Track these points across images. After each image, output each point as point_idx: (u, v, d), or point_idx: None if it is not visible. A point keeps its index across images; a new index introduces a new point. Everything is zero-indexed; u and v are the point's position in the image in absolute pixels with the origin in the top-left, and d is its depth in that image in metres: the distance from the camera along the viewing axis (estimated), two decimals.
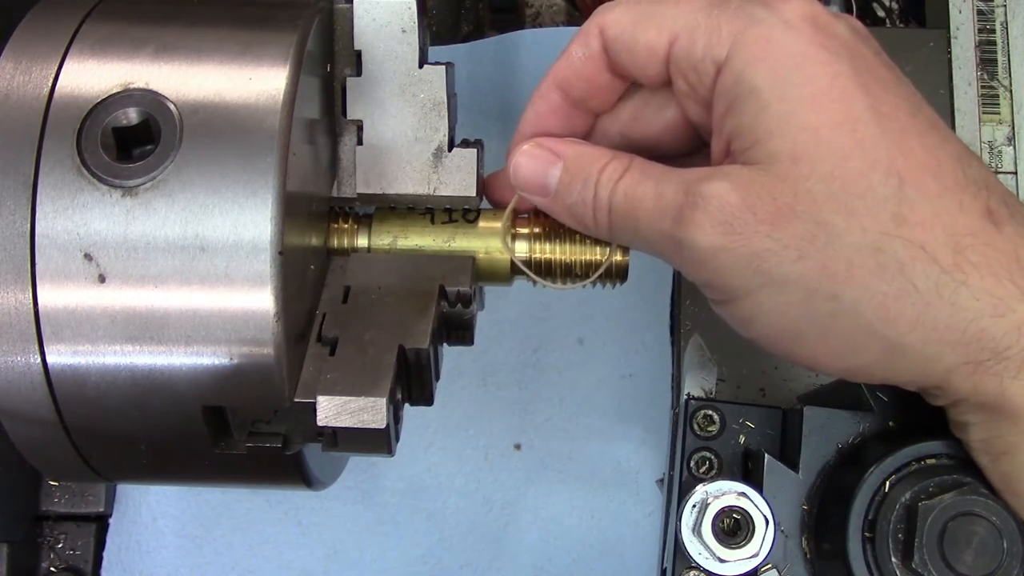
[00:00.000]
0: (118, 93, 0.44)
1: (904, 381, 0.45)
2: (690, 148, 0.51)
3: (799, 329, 0.44)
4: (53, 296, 0.43)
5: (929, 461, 0.47)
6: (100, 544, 0.75)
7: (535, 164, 0.49)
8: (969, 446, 0.46)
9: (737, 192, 0.42)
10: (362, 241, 0.53)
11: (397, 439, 0.47)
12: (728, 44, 0.44)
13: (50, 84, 0.45)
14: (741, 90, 0.43)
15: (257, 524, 0.76)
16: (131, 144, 0.45)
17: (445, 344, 0.54)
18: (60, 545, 0.74)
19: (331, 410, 0.44)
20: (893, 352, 0.43)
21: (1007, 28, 0.70)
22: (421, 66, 0.50)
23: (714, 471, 0.57)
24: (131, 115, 0.44)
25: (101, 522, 0.75)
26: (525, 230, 0.53)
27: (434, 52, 0.54)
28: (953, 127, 0.68)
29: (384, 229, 0.53)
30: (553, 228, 0.54)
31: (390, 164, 0.51)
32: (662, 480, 0.72)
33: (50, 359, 0.44)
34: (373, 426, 0.44)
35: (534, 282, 0.54)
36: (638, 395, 0.77)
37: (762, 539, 0.48)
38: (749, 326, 0.45)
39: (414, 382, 0.49)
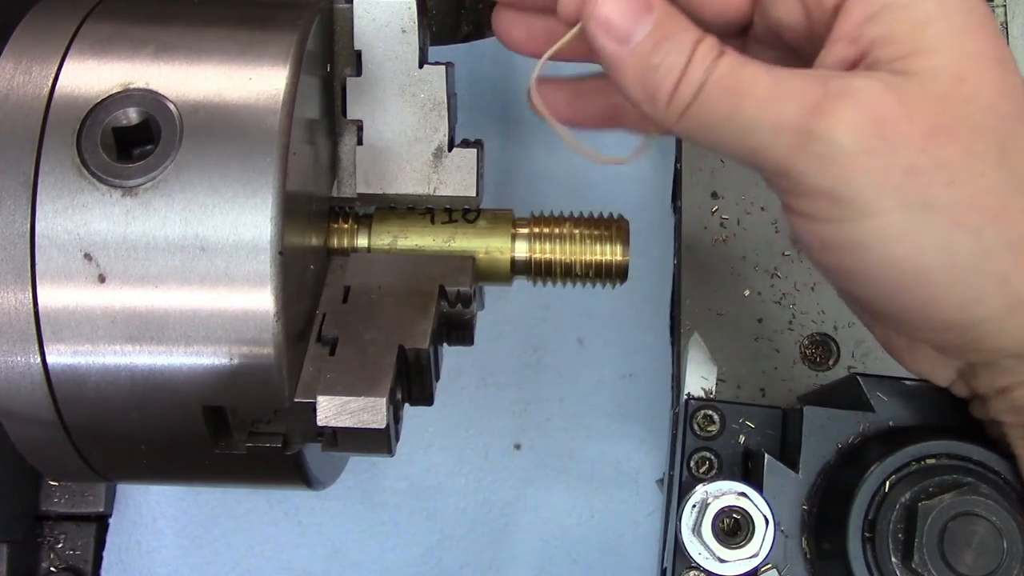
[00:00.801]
0: (118, 93, 0.44)
1: (1004, 344, 0.42)
2: (729, 32, 0.46)
3: (928, 266, 0.40)
4: (53, 296, 0.43)
5: (929, 461, 0.47)
6: (100, 544, 0.75)
7: (627, 5, 0.41)
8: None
9: (894, 94, 0.38)
10: (362, 241, 0.53)
11: (397, 439, 0.47)
12: None
13: (50, 84, 0.45)
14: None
15: (257, 524, 0.76)
16: (131, 144, 0.45)
17: (445, 344, 0.54)
18: (60, 545, 0.74)
19: (331, 410, 0.44)
20: (1015, 308, 0.41)
21: (1007, 28, 0.70)
22: (421, 66, 0.50)
23: (714, 471, 0.57)
24: (131, 115, 0.44)
25: (101, 522, 0.75)
26: (525, 230, 0.53)
27: (434, 52, 0.54)
28: None
29: (384, 229, 0.53)
30: (553, 228, 0.54)
31: (390, 164, 0.51)
32: (662, 480, 0.72)
33: (50, 359, 0.44)
34: (373, 426, 0.44)
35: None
36: (638, 395, 0.77)
37: (762, 539, 0.48)
38: (861, 253, 0.40)
39: (414, 382, 0.49)
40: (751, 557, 0.48)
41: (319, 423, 0.44)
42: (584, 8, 0.42)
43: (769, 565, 0.50)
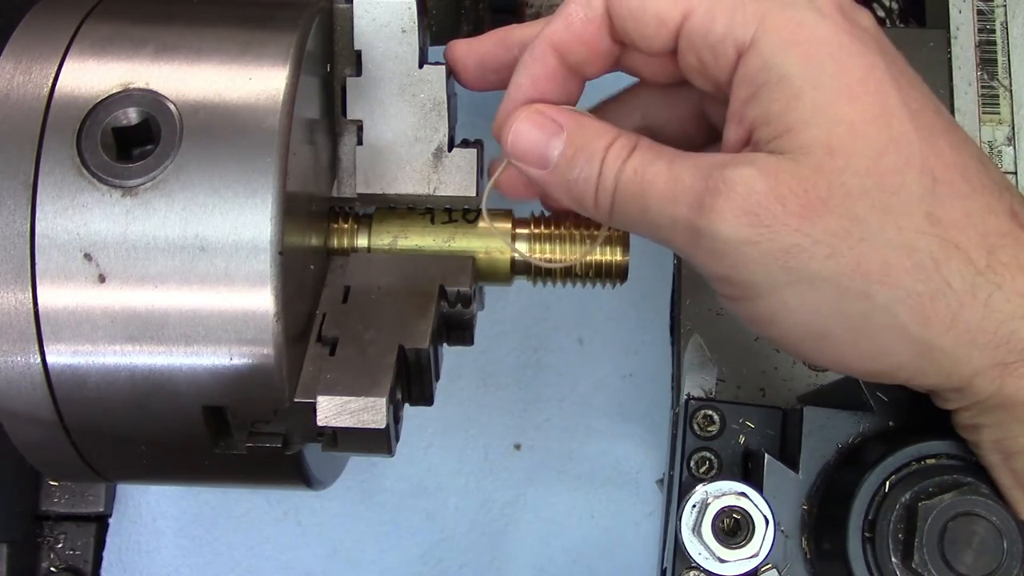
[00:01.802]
0: (118, 93, 0.44)
1: (928, 384, 0.44)
2: (702, 141, 0.50)
3: (827, 329, 0.42)
4: (53, 296, 0.43)
5: (929, 461, 0.47)
6: (100, 544, 0.75)
7: (537, 133, 0.45)
8: (978, 445, 0.45)
9: (765, 180, 0.40)
10: (362, 241, 0.53)
11: (397, 439, 0.47)
12: (754, 26, 0.41)
13: (50, 84, 0.45)
14: (770, 76, 0.41)
15: (257, 524, 0.77)
16: (131, 144, 0.45)
17: (445, 344, 0.54)
18: (60, 545, 0.74)
19: (331, 410, 0.44)
20: (924, 354, 0.42)
21: (1007, 28, 0.70)
22: (421, 66, 0.50)
23: (714, 471, 0.57)
24: (131, 115, 0.44)
25: (101, 522, 0.75)
26: (525, 230, 0.53)
27: (434, 52, 0.54)
28: None
29: (384, 229, 0.53)
30: (553, 229, 0.54)
31: (390, 164, 0.51)
32: (662, 480, 0.72)
33: (50, 359, 0.44)
34: (373, 426, 0.44)
35: (530, 269, 0.53)
36: (638, 395, 0.77)
37: (762, 539, 0.48)
38: (770, 326, 0.43)
39: (414, 382, 0.49)
40: (751, 557, 0.48)
41: (319, 423, 0.44)
42: (503, 144, 0.46)
43: (769, 565, 0.50)
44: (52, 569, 0.73)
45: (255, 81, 0.45)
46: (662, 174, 0.43)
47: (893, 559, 0.46)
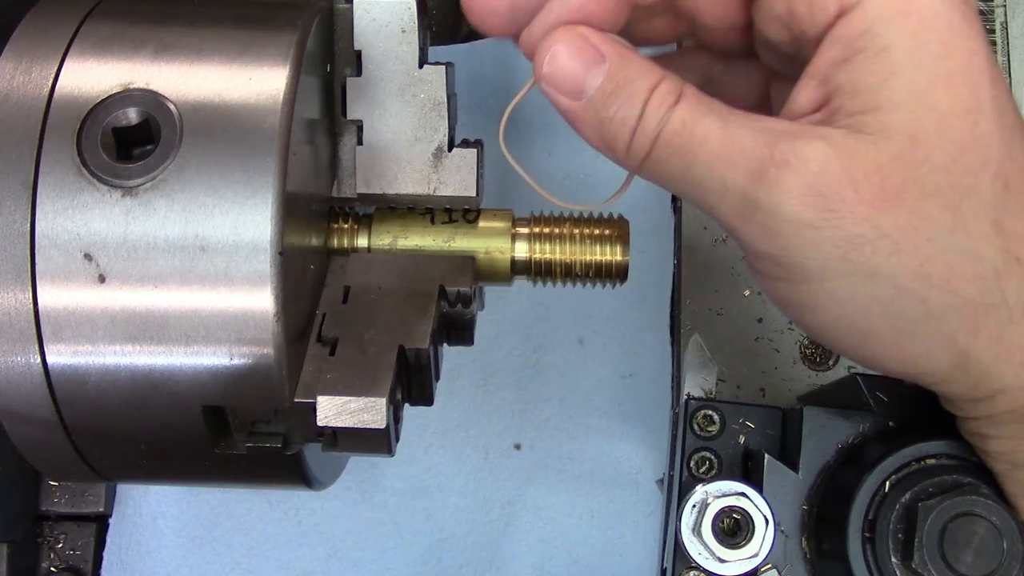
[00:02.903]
0: (118, 93, 0.44)
1: (950, 390, 0.43)
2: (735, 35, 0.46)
3: (874, 327, 0.40)
4: (53, 296, 0.43)
5: (929, 461, 0.47)
6: (100, 544, 0.75)
7: (577, 59, 0.40)
8: (985, 453, 0.45)
9: (841, 161, 0.37)
10: (362, 241, 0.53)
11: (397, 439, 0.47)
12: None
13: (50, 84, 0.45)
14: (870, 44, 0.38)
15: (257, 524, 0.76)
16: (131, 144, 0.45)
17: (445, 344, 0.54)
18: (60, 545, 0.74)
19: (331, 410, 0.44)
20: (961, 364, 0.41)
21: (1007, 28, 0.70)
22: (421, 66, 0.50)
23: (714, 471, 0.57)
24: (131, 115, 0.44)
25: (101, 522, 0.75)
26: (525, 230, 0.53)
27: (434, 52, 0.54)
28: None
29: (384, 229, 0.53)
30: (553, 228, 0.54)
31: (390, 164, 0.51)
32: (662, 480, 0.72)
33: (50, 359, 0.44)
34: (373, 426, 0.44)
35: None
36: (638, 395, 0.77)
37: (762, 539, 0.48)
38: (809, 313, 0.41)
39: (414, 382, 0.49)
40: (751, 557, 0.49)
41: (319, 423, 0.44)
42: (535, 65, 0.41)
43: (769, 565, 0.50)
44: (52, 569, 0.73)
45: (255, 81, 0.45)
46: (715, 131, 0.39)
47: (893, 559, 0.46)
